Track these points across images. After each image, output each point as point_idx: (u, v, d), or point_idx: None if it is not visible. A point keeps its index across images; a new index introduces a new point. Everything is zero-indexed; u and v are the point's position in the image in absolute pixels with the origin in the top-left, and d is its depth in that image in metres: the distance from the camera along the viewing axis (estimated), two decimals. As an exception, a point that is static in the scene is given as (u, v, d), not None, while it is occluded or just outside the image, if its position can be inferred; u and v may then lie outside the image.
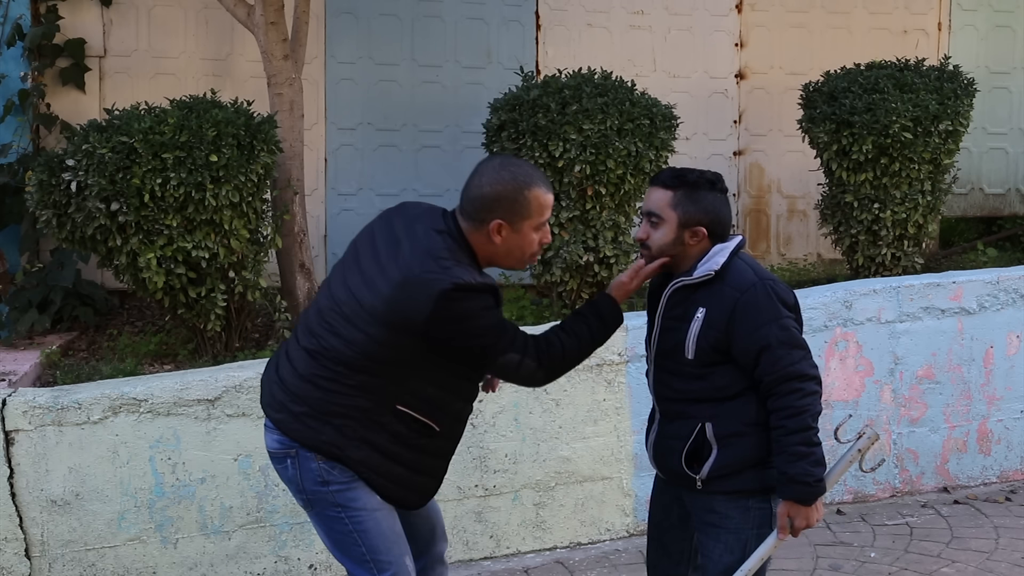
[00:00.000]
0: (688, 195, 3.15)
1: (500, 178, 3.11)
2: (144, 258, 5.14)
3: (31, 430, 4.34)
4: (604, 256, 5.87)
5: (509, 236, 3.12)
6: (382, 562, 3.18)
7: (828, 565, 4.79)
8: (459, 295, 3.02)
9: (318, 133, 6.97)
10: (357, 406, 3.11)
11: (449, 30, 7.15)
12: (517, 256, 3.18)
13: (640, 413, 4.95)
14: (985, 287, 5.59)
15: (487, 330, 3.08)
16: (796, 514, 3.08)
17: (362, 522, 3.16)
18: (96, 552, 4.43)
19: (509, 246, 3.14)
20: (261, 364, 4.66)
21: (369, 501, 3.17)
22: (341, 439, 3.12)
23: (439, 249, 3.07)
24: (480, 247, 3.15)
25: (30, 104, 6.33)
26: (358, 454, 3.13)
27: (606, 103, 5.83)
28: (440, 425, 3.18)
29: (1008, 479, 5.74)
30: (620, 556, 4.94)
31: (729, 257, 3.15)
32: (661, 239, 3.18)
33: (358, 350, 3.08)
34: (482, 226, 3.12)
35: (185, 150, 5.08)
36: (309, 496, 3.19)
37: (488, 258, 3.18)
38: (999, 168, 8.26)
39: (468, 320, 3.05)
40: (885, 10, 7.89)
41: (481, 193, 3.11)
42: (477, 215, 3.12)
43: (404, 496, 3.23)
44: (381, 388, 3.10)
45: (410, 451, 3.16)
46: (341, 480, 3.14)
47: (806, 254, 7.80)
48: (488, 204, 3.10)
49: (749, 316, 3.07)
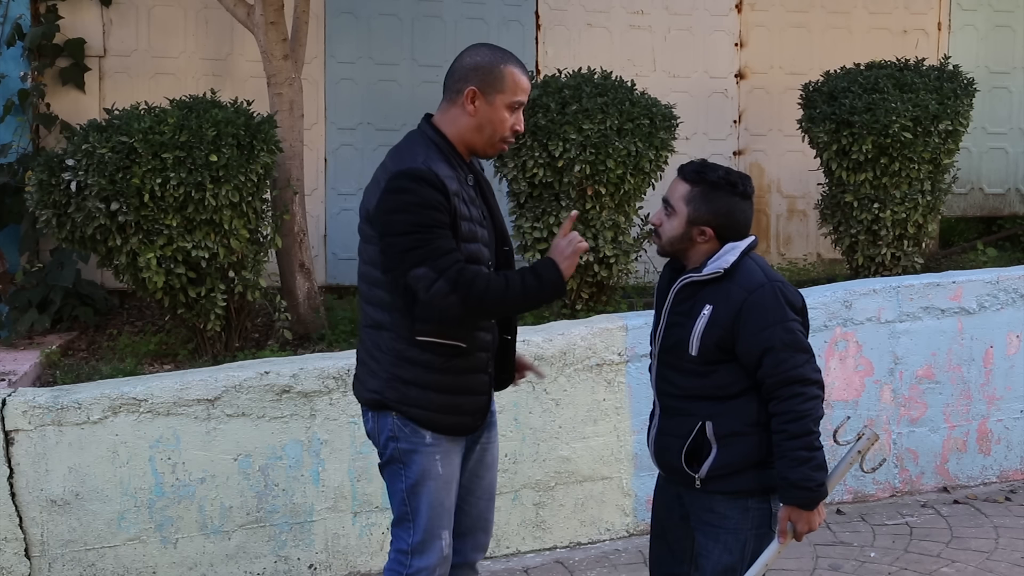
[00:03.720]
0: (704, 194, 3.15)
1: (478, 51, 3.25)
2: (144, 258, 5.14)
3: (31, 430, 4.34)
4: (604, 256, 5.87)
5: (482, 107, 3.19)
6: (419, 527, 3.27)
7: (828, 565, 4.79)
8: (399, 183, 3.09)
9: (318, 133, 6.98)
10: (383, 347, 3.20)
11: (449, 30, 7.16)
12: (488, 133, 3.22)
13: (640, 413, 4.95)
14: (985, 287, 5.59)
15: (413, 229, 3.07)
16: (798, 519, 3.08)
17: (416, 485, 3.25)
18: (96, 552, 4.43)
19: (481, 120, 3.20)
20: (261, 364, 4.66)
21: (430, 468, 3.24)
22: (379, 383, 3.24)
23: (410, 142, 3.23)
24: (453, 123, 3.22)
25: (30, 104, 6.33)
26: (395, 394, 3.21)
27: (606, 103, 5.83)
28: (465, 341, 3.21)
29: (1008, 479, 5.74)
30: (620, 556, 4.94)
31: (740, 256, 3.14)
32: (671, 230, 3.20)
33: (365, 281, 3.23)
34: (457, 96, 3.21)
35: (185, 150, 5.08)
36: (381, 449, 3.29)
37: (460, 135, 3.23)
38: (999, 168, 8.26)
39: (399, 212, 3.08)
40: (885, 10, 7.90)
41: (460, 64, 3.24)
42: (453, 86, 3.23)
43: (459, 421, 3.27)
44: (396, 322, 3.18)
45: (445, 376, 3.21)
46: (411, 440, 3.23)
47: (806, 254, 7.81)
48: (464, 73, 3.21)
49: (755, 317, 3.06)
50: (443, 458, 3.26)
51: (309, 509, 4.64)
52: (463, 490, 3.41)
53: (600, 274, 5.92)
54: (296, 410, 4.58)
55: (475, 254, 3.18)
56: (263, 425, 4.55)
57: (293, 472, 4.60)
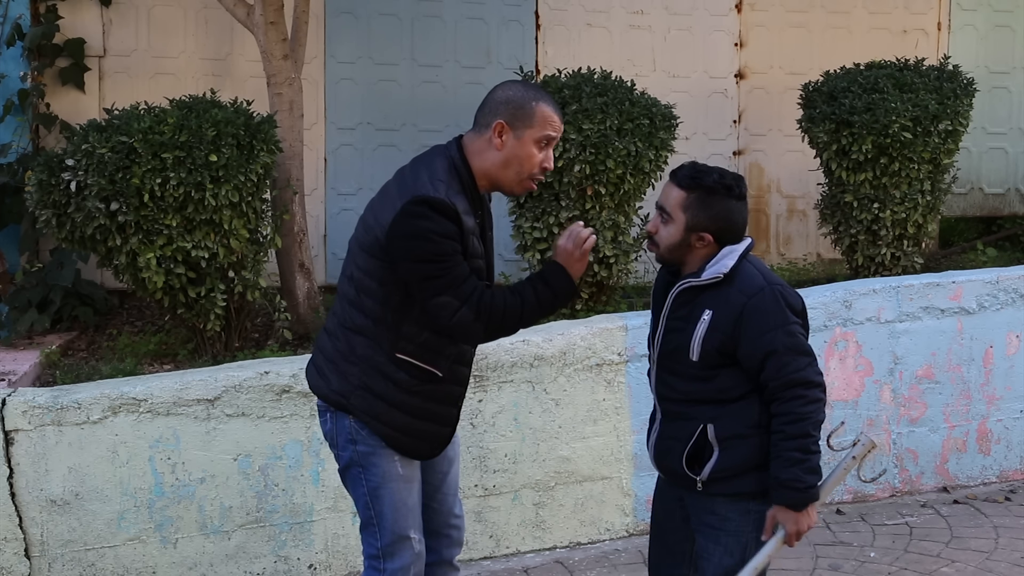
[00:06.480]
0: (701, 199, 3.12)
1: (512, 87, 3.23)
2: (144, 258, 5.14)
3: (31, 430, 4.34)
4: (604, 256, 5.87)
5: (510, 142, 3.15)
6: (385, 530, 3.26)
7: (828, 565, 4.79)
8: (419, 209, 3.05)
9: (318, 133, 6.97)
10: (358, 353, 3.18)
11: (449, 30, 7.15)
12: (515, 170, 3.18)
13: (640, 413, 4.95)
14: (985, 287, 5.59)
15: (434, 258, 3.06)
16: (785, 519, 3.08)
17: (377, 488, 3.24)
18: (96, 552, 4.43)
19: (508, 155, 3.16)
20: (260, 364, 4.66)
21: (389, 470, 3.23)
22: (346, 387, 3.21)
23: (434, 164, 3.16)
24: (480, 155, 3.17)
25: (30, 104, 6.33)
26: (361, 403, 3.20)
27: (606, 103, 5.83)
28: (441, 370, 3.21)
29: (1008, 479, 5.74)
30: (620, 556, 4.94)
31: (738, 260, 3.13)
32: (668, 238, 3.18)
33: (354, 285, 3.19)
34: (485, 130, 3.17)
35: (185, 150, 5.08)
36: (339, 452, 3.28)
37: (486, 170, 3.18)
38: (999, 168, 8.26)
39: (418, 240, 3.05)
40: (885, 10, 7.90)
41: (492, 97, 3.22)
42: (483, 119, 3.19)
43: (416, 446, 3.26)
44: (378, 334, 3.16)
45: (414, 398, 3.20)
46: (368, 443, 3.22)
47: (806, 254, 7.81)
48: (494, 107, 3.18)
49: (756, 321, 3.06)
50: (402, 459, 3.26)
51: (309, 509, 4.65)
52: (431, 488, 3.41)
53: (600, 274, 5.92)
54: (296, 410, 4.58)
55: None
56: (263, 425, 4.55)
57: (293, 472, 4.60)
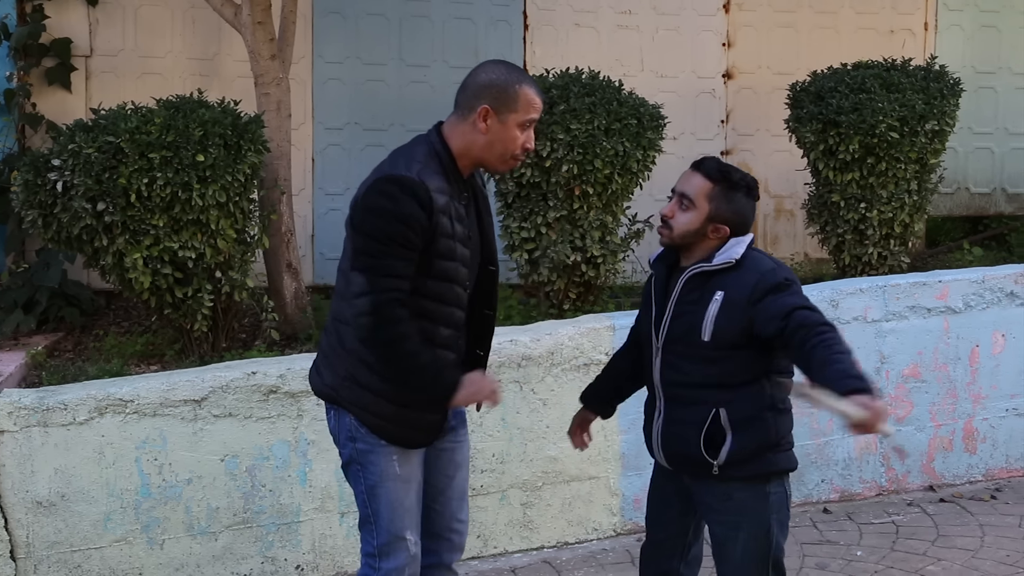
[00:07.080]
0: (725, 192, 3.22)
1: (494, 69, 3.22)
2: (130, 258, 5.13)
3: (16, 431, 4.32)
4: (592, 256, 5.88)
5: (494, 126, 3.16)
6: (381, 529, 3.27)
7: (815, 564, 4.80)
8: (386, 187, 3.07)
9: (305, 133, 6.97)
10: (346, 345, 3.19)
11: (437, 30, 7.15)
12: (499, 151, 3.20)
13: (628, 413, 4.94)
14: (971, 286, 5.61)
15: (377, 235, 3.04)
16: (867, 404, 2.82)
17: (374, 486, 3.25)
18: (82, 553, 4.42)
19: (492, 138, 3.18)
20: (248, 364, 4.65)
21: (387, 469, 3.24)
22: (335, 379, 3.24)
23: (412, 147, 3.19)
24: (464, 137, 3.18)
25: (16, 104, 6.32)
26: (349, 394, 3.21)
27: (594, 103, 5.84)
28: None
29: (993, 477, 5.76)
30: (607, 556, 4.94)
31: (746, 249, 3.23)
32: (685, 224, 3.22)
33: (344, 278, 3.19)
34: (469, 113, 3.17)
35: (172, 150, 5.07)
36: (341, 448, 3.30)
37: (470, 150, 3.19)
38: (985, 168, 8.29)
39: (371, 214, 3.07)
40: (872, 10, 7.92)
41: (474, 80, 3.21)
42: (466, 103, 3.19)
43: (408, 435, 3.25)
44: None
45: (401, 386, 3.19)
46: (367, 441, 3.23)
47: (793, 253, 7.82)
48: (478, 91, 3.17)
49: (773, 288, 3.11)
50: (400, 458, 3.25)
51: (296, 510, 4.64)
52: (434, 490, 3.40)
53: (588, 274, 5.92)
54: (283, 410, 4.58)
55: (450, 272, 3.15)
56: (250, 426, 4.54)
57: (280, 473, 4.60)
